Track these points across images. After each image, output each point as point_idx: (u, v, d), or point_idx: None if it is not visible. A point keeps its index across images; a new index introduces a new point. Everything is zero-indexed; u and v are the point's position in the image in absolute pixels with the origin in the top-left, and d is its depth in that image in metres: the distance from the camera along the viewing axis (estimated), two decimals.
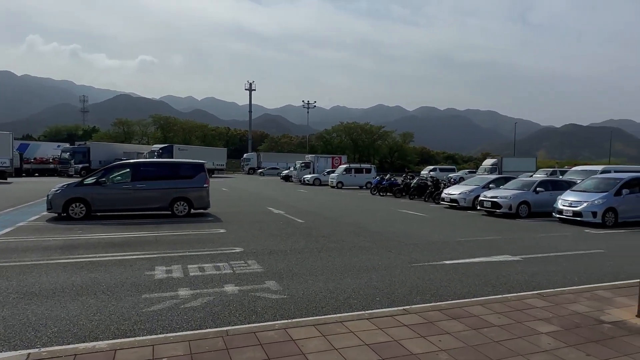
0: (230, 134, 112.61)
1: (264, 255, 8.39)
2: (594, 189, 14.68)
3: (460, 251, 9.24)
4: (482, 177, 20.69)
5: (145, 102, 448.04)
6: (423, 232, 11.82)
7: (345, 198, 24.34)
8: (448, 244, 10.15)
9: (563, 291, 6.12)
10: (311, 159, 43.31)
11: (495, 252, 9.26)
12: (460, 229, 12.68)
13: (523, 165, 49.52)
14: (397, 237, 10.84)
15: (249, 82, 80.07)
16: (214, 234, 10.96)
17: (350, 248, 9.36)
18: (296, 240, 10.14)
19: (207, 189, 14.39)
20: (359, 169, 34.49)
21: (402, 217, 15.33)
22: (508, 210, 15.73)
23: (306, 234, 11.06)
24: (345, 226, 12.67)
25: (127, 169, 13.84)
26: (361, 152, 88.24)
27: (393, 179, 26.58)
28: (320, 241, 10.12)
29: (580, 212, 13.94)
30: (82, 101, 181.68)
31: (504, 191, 16.64)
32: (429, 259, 8.35)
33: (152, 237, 10.26)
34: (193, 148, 53.77)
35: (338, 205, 19.86)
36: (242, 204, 19.10)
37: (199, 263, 7.65)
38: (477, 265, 7.93)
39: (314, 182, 37.55)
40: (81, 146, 47.11)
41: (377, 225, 13.05)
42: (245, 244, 9.60)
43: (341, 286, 6.38)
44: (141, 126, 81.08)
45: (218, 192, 26.17)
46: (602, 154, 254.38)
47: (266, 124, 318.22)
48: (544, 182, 16.68)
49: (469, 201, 18.37)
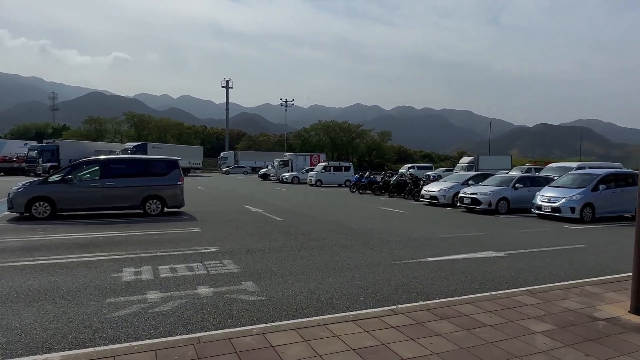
0: (207, 133, 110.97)
1: (240, 255, 7.96)
2: (572, 185, 14.78)
3: (443, 248, 9.02)
4: (461, 174, 20.70)
5: (119, 100, 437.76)
6: (405, 229, 11.60)
7: (324, 196, 24.02)
8: (431, 240, 9.94)
9: (552, 287, 5.93)
10: (289, 157, 42.86)
11: (479, 248, 9.08)
12: (442, 226, 12.51)
13: (499, 163, 50.24)
14: (378, 235, 10.56)
15: (225, 80, 78.85)
16: (188, 233, 10.44)
17: (331, 246, 9.02)
18: (275, 239, 9.74)
19: (181, 186, 13.81)
20: (337, 167, 34.24)
21: (382, 215, 15.10)
22: (488, 207, 15.70)
23: (285, 232, 10.67)
24: (326, 224, 12.33)
25: (96, 166, 13.13)
26: (340, 150, 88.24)
27: (372, 176, 26.42)
28: (300, 239, 9.75)
29: (559, 207, 13.99)
30: (51, 98, 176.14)
31: (483, 188, 16.62)
32: (413, 256, 8.09)
33: (122, 237, 9.68)
34: (168, 146, 52.50)
35: (317, 203, 19.53)
36: (219, 203, 18.54)
37: (170, 264, 7.17)
38: (462, 262, 7.71)
39: (292, 180, 37.12)
40: (50, 144, 45.29)
41: (358, 222, 12.76)
42: (221, 243, 9.15)
43: (323, 286, 6.03)
44: (114, 124, 78.82)
45: (194, 191, 25.48)
46: (572, 153, 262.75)
47: (244, 122, 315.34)
48: (522, 179, 16.74)
49: (448, 198, 18.31)
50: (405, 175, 24.04)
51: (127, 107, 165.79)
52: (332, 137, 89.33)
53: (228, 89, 79.05)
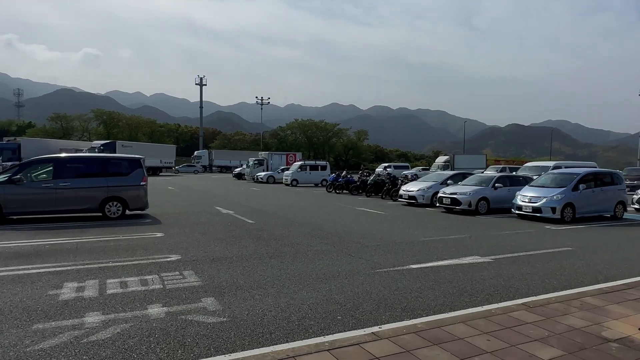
0: (181, 131, 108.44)
1: (204, 264, 7.13)
2: (552, 185, 14.48)
3: (426, 253, 8.41)
4: (439, 174, 20.29)
5: (90, 98, 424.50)
6: (384, 232, 10.96)
7: (300, 196, 23.26)
8: (412, 244, 9.32)
9: (549, 300, 5.36)
10: (265, 156, 41.85)
11: (463, 252, 8.52)
12: (422, 228, 11.95)
13: (474, 163, 50.58)
14: (356, 238, 9.89)
15: (199, 77, 76.86)
16: (148, 238, 9.51)
17: (306, 252, 8.28)
18: (244, 245, 8.93)
19: (144, 187, 12.81)
20: (314, 166, 33.50)
21: (360, 216, 14.46)
22: (468, 207, 15.27)
23: (256, 237, 9.87)
24: (300, 227, 11.59)
25: (49, 165, 11.99)
26: (316, 149, 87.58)
27: (349, 176, 25.81)
28: (272, 245, 8.97)
29: (540, 207, 13.65)
30: (16, 95, 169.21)
31: (462, 187, 16.20)
32: (394, 263, 7.44)
33: (72, 245, 8.68)
34: (138, 145, 50.61)
35: (292, 203, 18.75)
36: (188, 204, 17.53)
37: (122, 276, 6.28)
38: (447, 269, 7.10)
39: (267, 180, 36.18)
40: (10, 142, 42.88)
41: (335, 225, 12.07)
42: (184, 250, 8.28)
43: (295, 302, 5.29)
44: (81, 122, 75.80)
45: (163, 191, 24.31)
46: (542, 152, 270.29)
47: (219, 121, 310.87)
48: (502, 178, 16.40)
49: (427, 198, 17.84)
50: (383, 175, 23.52)
51: (98, 104, 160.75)
52: (308, 136, 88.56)
53: (202, 86, 77.16)
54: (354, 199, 21.26)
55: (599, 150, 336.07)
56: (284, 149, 75.58)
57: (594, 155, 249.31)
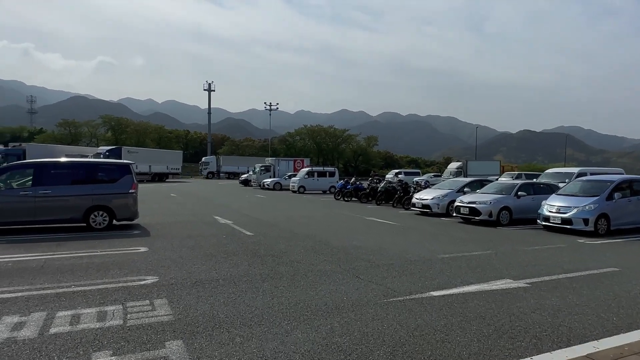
0: (190, 137, 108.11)
1: (183, 290, 5.96)
2: (583, 193, 13.10)
3: (448, 275, 7.14)
4: (455, 181, 18.97)
5: (103, 105, 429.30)
6: (397, 247, 9.71)
7: (306, 204, 22.08)
8: (430, 263, 8.06)
9: (622, 351, 4.07)
10: (272, 162, 40.80)
11: (492, 274, 7.23)
12: (439, 241, 10.66)
13: (488, 169, 48.99)
14: (366, 255, 8.65)
15: (207, 83, 76.40)
16: (129, 254, 8.38)
17: (306, 273, 7.07)
18: (236, 263, 7.74)
19: (133, 195, 11.72)
20: (321, 173, 32.31)
21: (370, 227, 13.21)
22: (488, 217, 13.94)
23: (252, 253, 8.68)
24: (303, 240, 10.38)
25: (29, 171, 10.97)
26: (325, 155, 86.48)
27: (358, 182, 24.57)
28: (268, 263, 7.77)
29: (570, 219, 12.28)
30: (29, 102, 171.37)
31: (482, 196, 14.87)
32: (411, 289, 6.19)
33: (39, 262, 7.58)
34: (145, 150, 49.96)
35: (297, 212, 17.57)
36: (186, 212, 16.44)
37: (78, 307, 5.14)
38: (476, 298, 5.84)
39: (274, 186, 35.08)
40: (15, 148, 42.40)
41: (341, 238, 10.84)
42: (165, 270, 7.12)
43: (286, 348, 4.08)
44: (90, 127, 75.66)
45: (164, 198, 23.34)
46: (554, 158, 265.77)
47: (229, 128, 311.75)
48: (525, 186, 15.04)
49: (442, 207, 16.53)
50: (394, 182, 22.24)
51: (110, 111, 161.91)
52: (317, 142, 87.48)
53: (210, 92, 76.64)
54: (363, 208, 20.01)
55: (612, 157, 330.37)
56: (292, 155, 74.56)
57: (608, 161, 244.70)
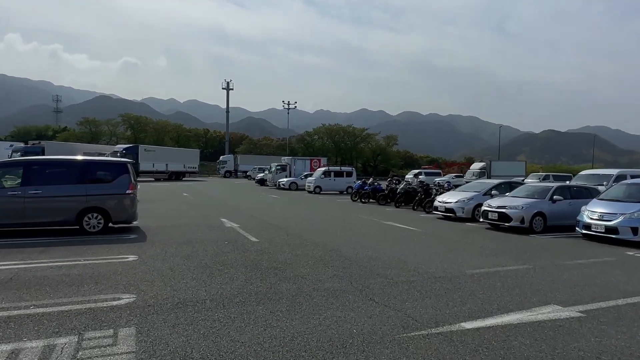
0: (210, 136, 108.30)
1: (160, 314, 4.95)
2: (629, 198, 11.63)
3: (480, 297, 5.95)
4: (482, 183, 17.56)
5: (126, 104, 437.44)
6: (418, 258, 8.53)
7: (321, 205, 20.99)
8: (458, 280, 6.86)
9: None
10: (288, 162, 39.84)
11: (534, 297, 6.01)
12: (467, 252, 9.42)
13: (512, 170, 46.97)
14: (382, 269, 7.50)
15: (226, 81, 75.99)
16: (114, 264, 7.44)
17: (310, 293, 5.98)
18: (231, 278, 6.71)
19: (131, 196, 10.83)
20: (338, 173, 31.15)
21: (388, 234, 12.03)
22: (520, 224, 12.59)
23: (252, 264, 7.64)
24: (313, 249, 9.30)
25: (18, 170, 10.20)
26: (344, 155, 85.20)
27: (376, 183, 23.34)
28: (269, 278, 6.72)
29: (616, 227, 10.85)
30: (55, 101, 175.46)
31: (512, 200, 13.50)
32: (437, 318, 5.04)
33: (10, 273, 6.70)
34: (161, 149, 49.68)
35: (311, 215, 16.50)
36: (192, 214, 15.55)
37: (23, 338, 4.17)
38: (519, 334, 4.65)
39: (289, 186, 34.11)
40: (35, 146, 42.63)
41: (355, 246, 9.71)
42: (148, 285, 6.14)
43: None
44: (110, 126, 76.25)
45: (175, 198, 22.61)
46: (580, 159, 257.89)
47: (249, 127, 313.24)
48: (561, 189, 13.59)
49: (468, 211, 15.21)
50: (414, 183, 20.93)
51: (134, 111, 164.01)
52: (335, 141, 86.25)
53: (229, 90, 76.29)
54: (381, 211, 18.81)
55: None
56: (310, 154, 73.55)
57: (636, 162, 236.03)
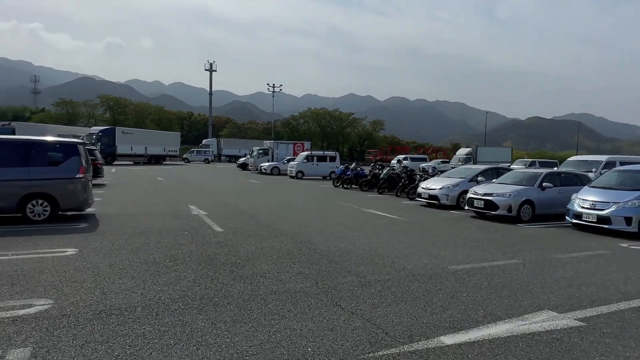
0: (194, 119, 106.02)
1: (72, 329, 4.00)
2: (623, 186, 10.95)
3: (464, 301, 5.13)
4: (467, 168, 16.79)
5: (109, 86, 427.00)
6: (396, 252, 7.69)
7: (300, 191, 20.08)
8: (439, 279, 6.04)
9: None
10: (270, 146, 38.68)
11: (525, 300, 5.21)
12: (450, 244, 8.63)
13: (499, 156, 46.67)
14: (355, 265, 6.65)
15: (209, 63, 73.88)
16: (46, 259, 6.44)
17: (266, 296, 5.08)
18: (179, 276, 5.77)
19: (82, 180, 9.76)
20: (322, 157, 30.15)
21: (367, 222, 11.18)
22: (507, 213, 11.85)
23: (208, 260, 6.71)
24: (281, 239, 8.40)
25: None
26: (330, 139, 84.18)
27: (359, 168, 22.46)
28: (222, 277, 5.80)
29: (608, 217, 10.17)
30: (33, 81, 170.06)
31: (500, 187, 12.74)
32: (412, 330, 4.19)
33: None
34: (140, 131, 47.96)
35: (287, 202, 15.57)
36: (159, 200, 14.50)
37: None
38: (511, 351, 3.83)
39: (271, 171, 33.05)
40: (5, 127, 40.62)
41: (329, 237, 8.83)
42: (75, 286, 5.18)
43: None
44: (88, 107, 73.72)
45: (147, 183, 21.44)
46: (564, 146, 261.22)
47: (236, 111, 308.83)
48: (551, 176, 12.86)
49: (452, 198, 14.46)
50: (398, 169, 20.09)
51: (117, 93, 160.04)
52: (322, 125, 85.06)
53: (212, 72, 74.18)
54: (363, 197, 17.97)
55: (623, 145, 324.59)
56: (296, 138, 72.31)
57: (619, 150, 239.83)
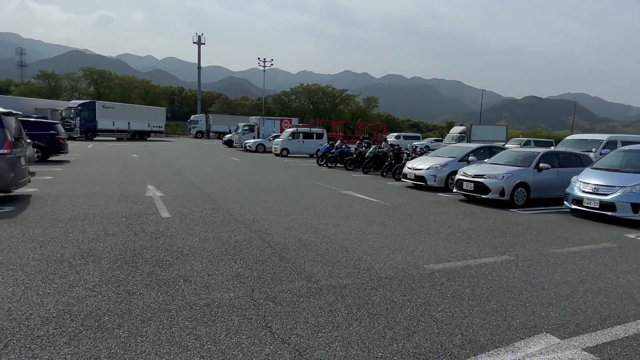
0: (185, 94, 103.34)
1: None
2: (628, 168, 9.77)
3: (438, 318, 3.93)
4: (458, 147, 15.53)
5: (101, 60, 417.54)
6: (366, 244, 6.49)
7: (280, 171, 18.78)
8: (411, 284, 4.83)
9: None
10: (256, 122, 37.13)
11: (519, 319, 4.03)
12: (432, 234, 7.43)
13: (493, 134, 45.42)
14: (311, 262, 5.43)
15: (197, 35, 71.15)
16: None
17: (177, 313, 3.85)
18: (78, 280, 4.52)
19: (7, 157, 8.40)
20: (308, 134, 28.74)
21: (341, 206, 9.96)
22: (499, 196, 10.67)
23: (129, 256, 5.46)
24: (234, 228, 7.16)
25: None
26: (322, 116, 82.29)
27: (344, 146, 21.15)
28: (133, 282, 4.55)
29: (613, 203, 9.01)
30: (19, 54, 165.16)
31: (491, 167, 11.51)
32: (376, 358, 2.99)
33: None
34: (122, 106, 46.01)
35: (260, 182, 14.28)
36: (116, 180, 13.14)
37: None
38: None
39: (256, 148, 31.66)
40: None
41: (292, 224, 7.60)
42: None
43: None
44: (71, 80, 71.13)
45: (116, 160, 20.01)
46: (558, 125, 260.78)
47: (230, 87, 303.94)
48: (549, 155, 11.62)
49: (440, 179, 13.25)
50: (385, 146, 18.77)
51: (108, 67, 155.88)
52: (314, 102, 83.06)
53: (200, 44, 71.44)
54: (345, 177, 16.72)
55: (617, 126, 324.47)
56: (287, 115, 70.52)
57: (613, 130, 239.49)
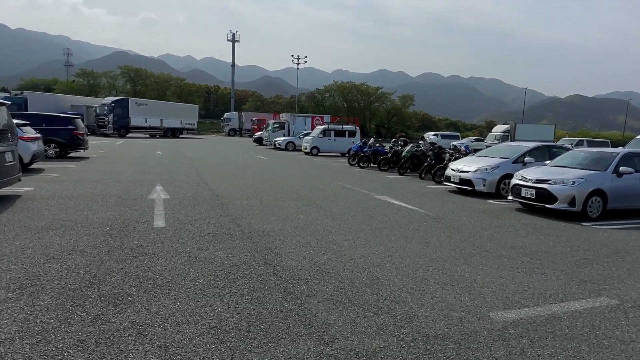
0: (220, 93, 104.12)
1: None
2: None
3: None
4: (511, 146, 13.46)
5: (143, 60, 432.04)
6: (405, 274, 4.85)
7: (308, 171, 17.27)
8: (479, 345, 3.18)
9: None
10: (286, 119, 35.85)
11: None
12: (492, 258, 5.69)
13: (540, 134, 42.32)
14: (325, 306, 3.86)
15: (232, 33, 70.98)
16: None
17: None
18: (18, 308, 3.15)
19: None
20: (339, 132, 27.10)
21: (373, 215, 8.32)
22: (568, 207, 8.72)
23: (81, 290, 4.08)
24: (235, 245, 5.69)
25: None
26: (356, 115, 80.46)
27: (378, 144, 19.42)
28: (63, 334, 3.14)
29: None
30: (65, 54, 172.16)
31: (558, 171, 9.54)
32: None
33: None
34: (155, 103, 45.93)
35: (284, 184, 12.82)
36: (124, 179, 12.01)
37: None
38: None
39: (286, 146, 30.33)
40: (17, 96, 39.45)
41: (309, 239, 6.06)
42: None
43: None
44: (108, 78, 72.58)
45: (137, 158, 19.12)
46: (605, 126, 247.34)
47: (266, 86, 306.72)
48: (629, 157, 9.53)
49: (491, 184, 11.35)
50: (424, 146, 16.88)
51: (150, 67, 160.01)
52: (348, 99, 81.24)
53: (234, 42, 71.29)
54: (379, 179, 15.03)
55: None
56: (321, 113, 69.20)
57: None
